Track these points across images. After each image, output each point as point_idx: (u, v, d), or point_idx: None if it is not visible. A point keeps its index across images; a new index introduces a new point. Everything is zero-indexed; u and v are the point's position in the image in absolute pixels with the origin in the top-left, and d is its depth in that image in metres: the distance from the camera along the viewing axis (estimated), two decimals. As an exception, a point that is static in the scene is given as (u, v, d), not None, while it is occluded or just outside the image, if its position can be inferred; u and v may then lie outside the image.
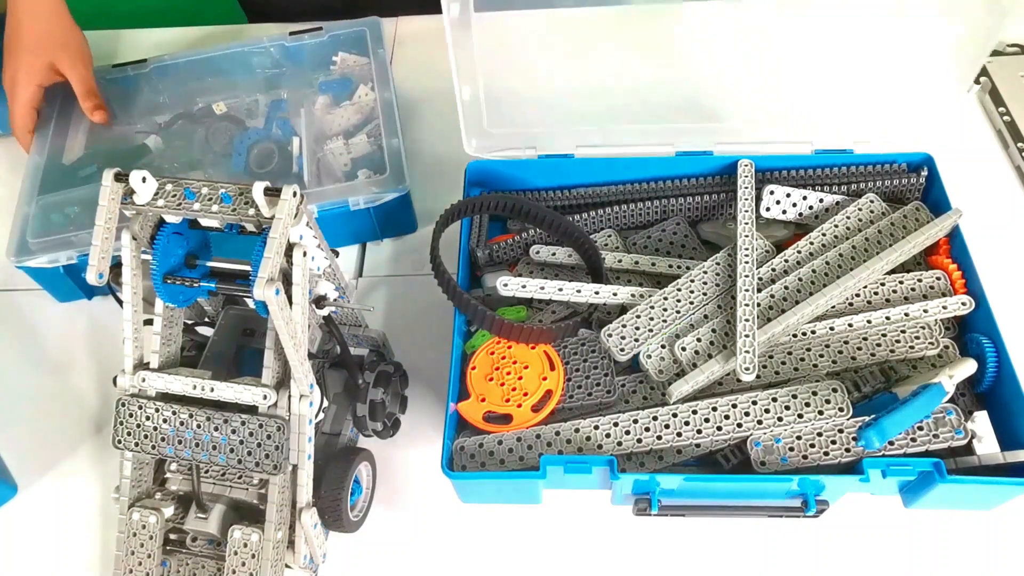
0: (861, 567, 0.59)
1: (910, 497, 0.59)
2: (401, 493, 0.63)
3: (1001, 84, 0.85)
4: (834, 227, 0.66)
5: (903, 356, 0.60)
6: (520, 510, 0.62)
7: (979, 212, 0.67)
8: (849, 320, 0.61)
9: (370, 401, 0.59)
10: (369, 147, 0.77)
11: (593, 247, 0.66)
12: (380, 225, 0.75)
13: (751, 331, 0.59)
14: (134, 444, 0.53)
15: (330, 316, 0.56)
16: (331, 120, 0.80)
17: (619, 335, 0.62)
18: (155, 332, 0.54)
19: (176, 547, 0.56)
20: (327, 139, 0.78)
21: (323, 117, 0.80)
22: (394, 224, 0.76)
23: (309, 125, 0.79)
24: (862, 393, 0.59)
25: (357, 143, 0.77)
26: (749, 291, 0.61)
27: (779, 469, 0.56)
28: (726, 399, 0.58)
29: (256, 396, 0.51)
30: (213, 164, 0.78)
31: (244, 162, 0.77)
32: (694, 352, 0.61)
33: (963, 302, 0.61)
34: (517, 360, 0.61)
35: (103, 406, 0.70)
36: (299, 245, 0.49)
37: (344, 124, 0.79)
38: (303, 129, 0.78)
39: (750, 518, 0.60)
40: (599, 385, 0.61)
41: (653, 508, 0.57)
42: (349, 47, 0.85)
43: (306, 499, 0.54)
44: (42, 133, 0.79)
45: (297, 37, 0.85)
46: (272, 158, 0.77)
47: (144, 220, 0.51)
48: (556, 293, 0.63)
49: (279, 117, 0.80)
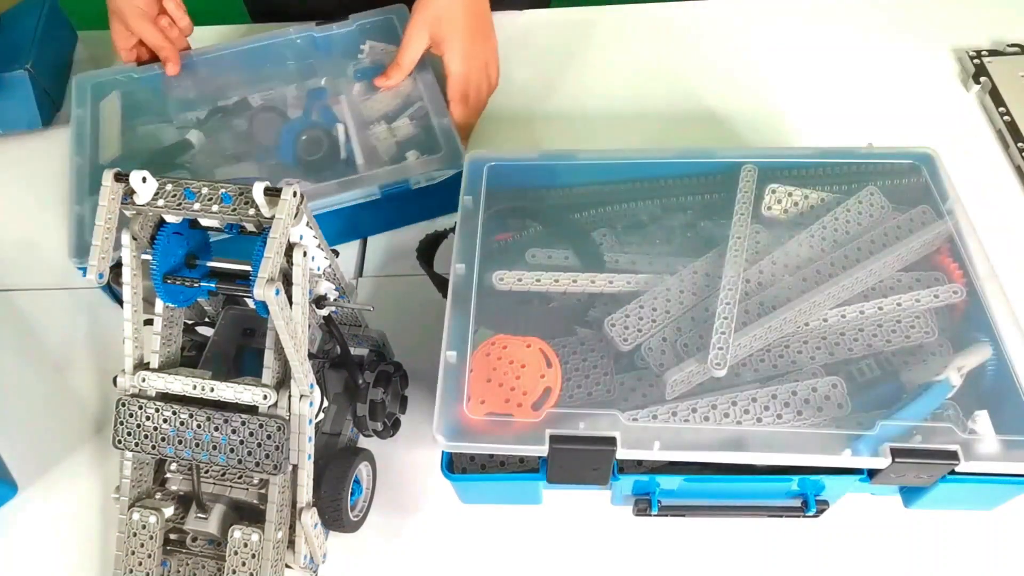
0: (861, 567, 0.59)
1: (910, 497, 0.59)
2: (401, 493, 0.63)
3: (1001, 84, 0.85)
4: (834, 219, 0.66)
5: (900, 346, 0.60)
6: (520, 510, 0.62)
7: (979, 212, 0.67)
8: (842, 311, 0.61)
9: (370, 401, 0.59)
10: (413, 129, 0.79)
11: (593, 245, 0.66)
12: (438, 203, 0.77)
13: (727, 328, 0.59)
14: (134, 444, 0.53)
15: (330, 316, 0.56)
16: (370, 106, 0.81)
17: (622, 325, 0.62)
18: (155, 332, 0.54)
19: (176, 547, 0.56)
20: (369, 125, 0.79)
21: (362, 104, 0.81)
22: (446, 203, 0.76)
23: (353, 112, 0.80)
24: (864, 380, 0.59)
25: (400, 126, 0.79)
26: (732, 290, 0.61)
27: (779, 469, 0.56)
28: (726, 396, 0.58)
29: (256, 396, 0.51)
30: (257, 156, 0.79)
31: (292, 151, 0.78)
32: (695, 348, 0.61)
33: (955, 291, 0.61)
34: (514, 360, 0.61)
35: (103, 406, 0.70)
36: (299, 245, 0.49)
37: (383, 109, 0.81)
38: (347, 116, 0.80)
39: (750, 518, 0.60)
40: (599, 385, 0.61)
41: (653, 509, 0.57)
42: (376, 36, 0.86)
43: (306, 499, 0.54)
44: (79, 133, 0.79)
45: (325, 28, 0.86)
46: (321, 145, 0.78)
47: (144, 220, 0.51)
48: (552, 285, 0.63)
49: (320, 105, 0.81)
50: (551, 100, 0.90)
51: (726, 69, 0.92)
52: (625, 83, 0.91)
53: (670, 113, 0.88)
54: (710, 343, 0.58)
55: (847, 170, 0.70)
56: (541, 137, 0.87)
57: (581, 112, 0.89)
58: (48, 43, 0.92)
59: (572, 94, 0.91)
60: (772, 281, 0.63)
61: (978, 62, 0.87)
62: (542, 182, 0.73)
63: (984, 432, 0.56)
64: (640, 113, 0.88)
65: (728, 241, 0.64)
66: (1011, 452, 0.54)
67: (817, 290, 0.61)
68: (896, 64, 0.91)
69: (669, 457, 0.55)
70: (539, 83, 0.92)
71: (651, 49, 0.95)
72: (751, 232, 0.65)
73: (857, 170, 0.70)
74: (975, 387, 0.59)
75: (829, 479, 0.55)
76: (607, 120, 0.88)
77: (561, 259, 0.67)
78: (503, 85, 0.87)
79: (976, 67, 0.87)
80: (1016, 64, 0.87)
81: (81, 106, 0.81)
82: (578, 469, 0.56)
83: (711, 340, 0.58)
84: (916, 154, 0.69)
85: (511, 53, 0.93)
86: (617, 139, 0.86)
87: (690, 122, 0.87)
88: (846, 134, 0.84)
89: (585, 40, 0.96)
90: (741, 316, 0.61)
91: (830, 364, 0.60)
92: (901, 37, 0.93)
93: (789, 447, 0.53)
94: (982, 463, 0.53)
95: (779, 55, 0.93)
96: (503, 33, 0.90)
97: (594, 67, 0.93)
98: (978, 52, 0.88)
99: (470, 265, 0.63)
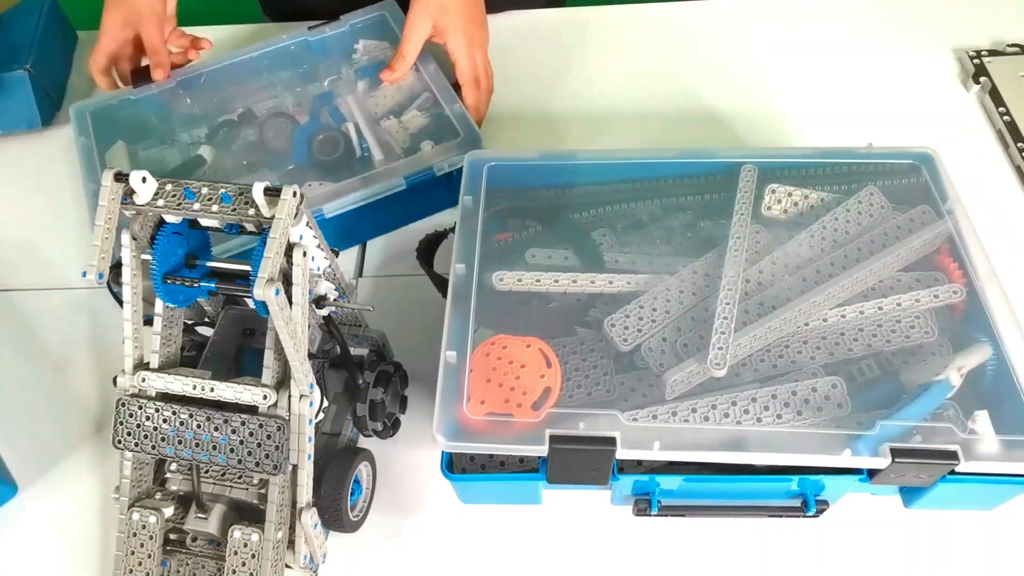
0: (861, 567, 0.59)
1: (910, 497, 0.59)
2: (401, 493, 0.63)
3: (1001, 84, 0.85)
4: (834, 219, 0.66)
5: (900, 346, 0.60)
6: (520, 510, 0.62)
7: (979, 212, 0.67)
8: (842, 311, 0.61)
9: (370, 401, 0.59)
10: (424, 119, 0.80)
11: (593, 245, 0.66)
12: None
13: (727, 328, 0.59)
14: (134, 444, 0.53)
15: (330, 316, 0.56)
16: (376, 102, 0.82)
17: (622, 325, 0.62)
18: (155, 332, 0.54)
19: (176, 547, 0.56)
20: (378, 120, 0.80)
21: (368, 101, 0.82)
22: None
23: (361, 110, 0.81)
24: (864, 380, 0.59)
25: (411, 118, 0.80)
26: (732, 290, 0.61)
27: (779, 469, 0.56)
28: (725, 396, 0.58)
29: (256, 396, 0.51)
30: (271, 163, 0.79)
31: (306, 154, 0.78)
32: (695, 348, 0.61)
33: (955, 291, 0.61)
34: (513, 360, 0.61)
35: (103, 406, 0.70)
36: (299, 245, 0.49)
37: (389, 104, 0.82)
38: (356, 114, 0.80)
39: (750, 518, 0.60)
40: (599, 385, 0.61)
41: (653, 509, 0.57)
42: (369, 34, 0.87)
43: (306, 499, 0.54)
44: (87, 160, 0.79)
45: (318, 30, 0.86)
46: (337, 145, 0.78)
47: (144, 220, 0.51)
48: (552, 285, 0.63)
49: (327, 107, 0.81)
50: (551, 100, 0.90)
51: (726, 69, 0.92)
52: (625, 83, 0.91)
53: (670, 113, 0.88)
54: (710, 343, 0.58)
55: (847, 170, 0.70)
56: (541, 137, 0.87)
57: (581, 112, 0.89)
58: (48, 43, 0.92)
59: (572, 94, 0.91)
60: (772, 281, 0.63)
61: (978, 62, 0.87)
62: (542, 182, 0.73)
63: (984, 432, 0.56)
64: (640, 113, 0.88)
65: (728, 241, 0.64)
66: (1011, 452, 0.54)
67: (817, 290, 0.61)
68: (896, 64, 0.91)
69: (669, 457, 0.55)
70: (539, 83, 0.92)
71: (651, 49, 0.95)
72: (751, 232, 0.65)
73: (857, 170, 0.70)
74: (975, 387, 0.59)
75: (829, 479, 0.55)
76: (607, 120, 0.88)
77: (561, 259, 0.67)
78: (503, 85, 0.87)
79: (976, 67, 0.87)
80: (1016, 64, 0.87)
81: (84, 134, 0.80)
82: (578, 469, 0.56)
83: (711, 340, 0.58)
84: (916, 154, 0.69)
85: (512, 53, 0.93)
86: (617, 139, 0.86)
87: (690, 122, 0.87)
88: (846, 134, 0.84)
89: (585, 40, 0.96)
90: (741, 316, 0.61)
91: (830, 364, 0.60)
92: (901, 37, 0.93)
93: (789, 447, 0.53)
94: (982, 463, 0.53)
95: (779, 55, 0.93)
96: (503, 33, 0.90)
97: (594, 67, 0.93)
98: (978, 52, 0.88)
99: (470, 265, 0.63)
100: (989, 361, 0.58)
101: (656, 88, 0.90)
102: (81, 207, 0.79)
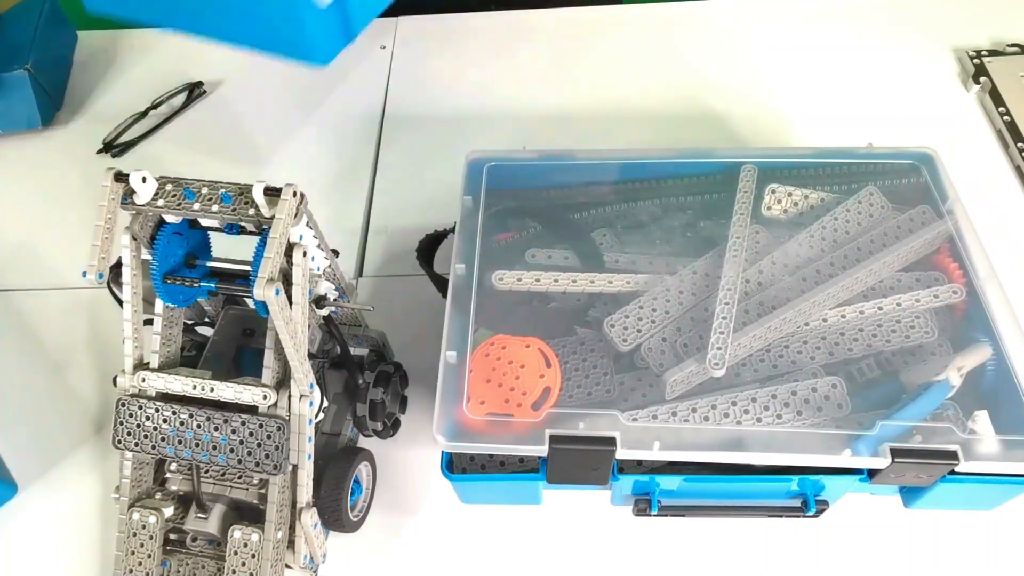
0: (861, 567, 0.59)
1: (910, 497, 0.59)
2: (401, 493, 0.63)
3: (1001, 84, 0.85)
4: (834, 219, 0.66)
5: (900, 346, 0.60)
6: (520, 510, 0.62)
7: (979, 212, 0.67)
8: (842, 311, 0.61)
9: (370, 401, 0.59)
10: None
11: (593, 245, 0.66)
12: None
13: (727, 328, 0.59)
14: (134, 444, 0.53)
15: (330, 316, 0.56)
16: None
17: (622, 325, 0.62)
18: (155, 332, 0.54)
19: (176, 547, 0.56)
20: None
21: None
22: None
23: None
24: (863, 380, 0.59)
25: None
26: (731, 290, 0.61)
27: (779, 469, 0.56)
28: (725, 396, 0.58)
29: (256, 396, 0.51)
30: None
31: None
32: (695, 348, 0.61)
33: (954, 291, 0.61)
34: (513, 360, 0.61)
35: (103, 406, 0.70)
36: (299, 245, 0.49)
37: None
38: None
39: (750, 518, 0.60)
40: (599, 385, 0.61)
41: (653, 509, 0.56)
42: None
43: (306, 499, 0.54)
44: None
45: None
46: None
47: (144, 220, 0.51)
48: (552, 285, 0.63)
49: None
50: (551, 100, 0.90)
51: (726, 69, 0.92)
52: (625, 83, 0.91)
53: (670, 113, 0.88)
54: (709, 343, 0.58)
55: (847, 170, 0.70)
56: (541, 137, 0.87)
57: (581, 112, 0.89)
58: (48, 43, 0.92)
59: (572, 94, 0.91)
60: (772, 281, 0.64)
61: (978, 62, 0.87)
62: (542, 182, 0.73)
63: (984, 432, 0.56)
64: (640, 113, 0.88)
65: (728, 241, 0.64)
66: (1011, 452, 0.54)
67: (817, 290, 0.61)
68: (896, 64, 0.91)
69: (669, 457, 0.55)
70: (539, 83, 0.92)
71: (651, 49, 0.95)
72: (751, 232, 0.65)
73: (857, 170, 0.70)
74: (975, 387, 0.59)
75: (829, 479, 0.55)
76: (607, 120, 0.88)
77: (561, 259, 0.67)
78: (504, 85, 0.87)
79: (976, 67, 0.87)
80: (1016, 64, 0.87)
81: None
82: (578, 469, 0.56)
83: (710, 340, 0.58)
84: (916, 154, 0.69)
85: (512, 52, 0.93)
86: (617, 139, 0.86)
87: (690, 122, 0.87)
88: (846, 134, 0.84)
89: (585, 40, 0.96)
90: (741, 316, 0.61)
91: (830, 364, 0.60)
92: (901, 37, 0.93)
93: (789, 447, 0.53)
94: (982, 463, 0.53)
95: (779, 55, 0.93)
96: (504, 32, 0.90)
97: (594, 67, 0.93)
98: (978, 52, 0.88)
99: (470, 265, 0.63)
100: (989, 361, 0.58)
101: (656, 88, 0.91)
102: (81, 207, 0.79)
